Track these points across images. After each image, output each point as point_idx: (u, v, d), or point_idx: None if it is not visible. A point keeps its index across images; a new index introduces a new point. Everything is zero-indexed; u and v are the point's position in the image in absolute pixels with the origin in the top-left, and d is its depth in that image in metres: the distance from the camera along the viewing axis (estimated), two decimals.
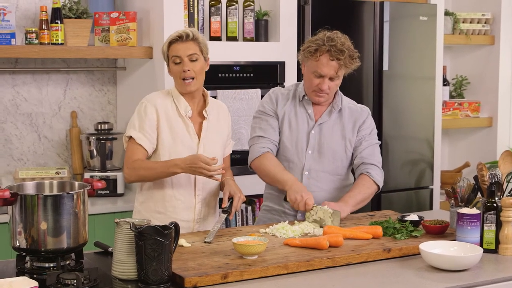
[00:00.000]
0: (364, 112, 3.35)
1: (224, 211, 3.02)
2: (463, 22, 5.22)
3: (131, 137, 3.07)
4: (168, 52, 3.07)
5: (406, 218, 3.03)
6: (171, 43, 3.06)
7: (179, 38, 3.04)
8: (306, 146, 3.26)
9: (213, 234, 2.83)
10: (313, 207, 3.04)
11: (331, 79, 3.16)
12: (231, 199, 3.05)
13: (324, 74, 3.15)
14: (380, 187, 3.29)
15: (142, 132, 3.05)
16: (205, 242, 2.77)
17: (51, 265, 2.46)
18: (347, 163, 3.32)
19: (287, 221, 3.04)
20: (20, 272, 2.45)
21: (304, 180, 3.25)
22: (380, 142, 3.38)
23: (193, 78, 3.05)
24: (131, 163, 3.05)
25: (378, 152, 3.34)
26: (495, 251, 2.74)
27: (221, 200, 3.10)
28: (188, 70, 3.03)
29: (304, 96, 3.29)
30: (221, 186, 3.20)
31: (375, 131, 3.37)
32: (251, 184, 3.98)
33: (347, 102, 3.35)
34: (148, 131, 3.05)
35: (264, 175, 3.25)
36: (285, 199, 3.17)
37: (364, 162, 3.26)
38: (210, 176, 2.95)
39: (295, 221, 3.06)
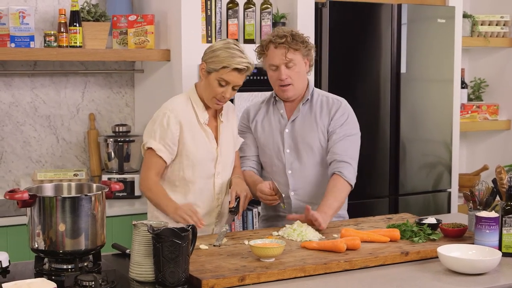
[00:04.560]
0: (337, 102, 3.27)
1: (231, 211, 3.02)
2: (481, 25, 5.20)
3: (150, 147, 3.04)
4: (220, 72, 2.97)
5: (424, 221, 3.02)
6: (234, 69, 2.97)
7: (241, 70, 2.97)
8: (283, 146, 3.27)
9: (222, 237, 2.83)
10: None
11: (287, 66, 3.17)
12: (238, 198, 3.04)
13: (276, 64, 3.18)
14: (352, 185, 3.19)
15: (162, 144, 3.02)
16: (214, 246, 2.77)
17: (69, 267, 2.48)
18: (327, 153, 3.25)
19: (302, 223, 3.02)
20: (38, 274, 2.46)
21: (290, 179, 3.26)
22: (357, 133, 3.26)
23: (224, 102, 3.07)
24: (147, 180, 3.03)
25: (352, 146, 3.22)
26: None
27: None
28: (228, 96, 3.02)
29: (275, 97, 3.32)
30: (229, 186, 3.19)
31: (352, 121, 3.26)
32: None
33: (320, 94, 3.32)
34: (169, 143, 3.02)
35: None
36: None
37: (336, 159, 3.17)
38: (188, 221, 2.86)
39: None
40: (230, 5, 4.14)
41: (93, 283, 2.28)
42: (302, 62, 3.21)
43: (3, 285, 2.14)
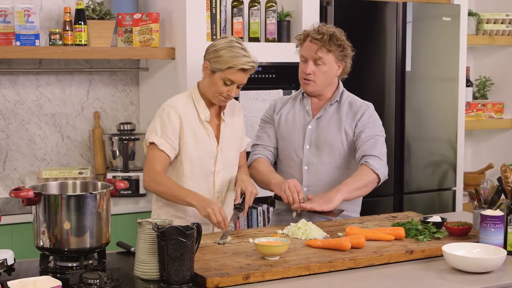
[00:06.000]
0: (364, 106, 3.31)
1: (236, 208, 3.02)
2: (486, 23, 5.19)
3: (152, 142, 3.04)
4: (226, 73, 2.97)
5: (428, 220, 3.01)
6: (240, 69, 2.96)
7: (246, 70, 2.98)
8: (303, 141, 3.28)
9: (227, 235, 2.83)
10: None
11: (315, 63, 3.19)
12: (243, 194, 3.04)
13: (306, 56, 3.21)
14: (380, 176, 3.18)
15: (164, 138, 3.02)
16: (218, 244, 2.77)
17: (74, 265, 2.48)
18: (347, 156, 3.27)
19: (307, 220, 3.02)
20: (43, 272, 2.47)
21: (304, 175, 3.27)
22: (384, 135, 3.31)
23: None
24: (153, 174, 3.02)
25: (381, 144, 3.26)
26: None
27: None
28: (233, 94, 3.04)
29: (303, 93, 3.34)
30: (235, 182, 3.19)
31: (378, 123, 3.31)
32: None
33: (348, 97, 3.35)
34: (171, 137, 3.03)
35: (256, 179, 3.27)
36: (274, 197, 3.21)
37: (365, 154, 3.19)
38: (215, 224, 2.88)
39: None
40: (235, 3, 4.14)
41: (98, 281, 2.28)
42: (334, 65, 3.22)
43: (8, 283, 2.15)
